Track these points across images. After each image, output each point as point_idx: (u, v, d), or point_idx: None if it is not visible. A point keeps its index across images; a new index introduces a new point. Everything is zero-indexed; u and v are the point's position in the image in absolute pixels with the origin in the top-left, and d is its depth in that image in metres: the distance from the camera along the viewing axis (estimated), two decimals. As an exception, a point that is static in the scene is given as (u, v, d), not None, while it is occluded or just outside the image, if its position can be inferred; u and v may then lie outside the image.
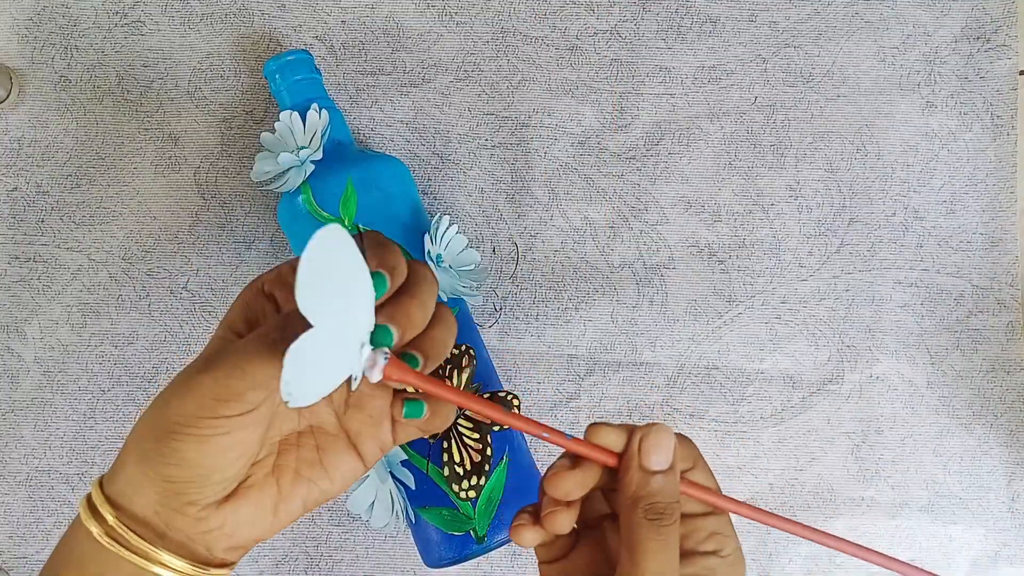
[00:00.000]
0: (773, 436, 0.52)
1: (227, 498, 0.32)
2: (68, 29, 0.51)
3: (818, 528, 0.32)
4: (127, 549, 0.31)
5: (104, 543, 0.31)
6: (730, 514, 0.33)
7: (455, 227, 0.47)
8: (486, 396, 0.45)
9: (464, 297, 0.46)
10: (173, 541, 0.32)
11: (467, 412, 0.44)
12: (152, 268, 0.51)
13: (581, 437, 0.32)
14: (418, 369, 0.30)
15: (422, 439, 0.43)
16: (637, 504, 0.31)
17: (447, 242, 0.46)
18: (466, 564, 0.51)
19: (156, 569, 0.31)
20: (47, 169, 0.51)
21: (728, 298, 0.52)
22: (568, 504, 0.32)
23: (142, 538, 0.31)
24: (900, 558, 0.52)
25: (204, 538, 0.32)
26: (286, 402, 0.27)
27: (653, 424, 0.32)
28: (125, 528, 0.31)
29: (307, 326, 0.26)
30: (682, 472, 0.32)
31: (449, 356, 0.44)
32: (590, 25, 0.52)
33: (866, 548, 0.32)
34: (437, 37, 0.51)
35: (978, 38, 0.52)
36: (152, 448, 0.30)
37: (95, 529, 0.31)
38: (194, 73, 0.51)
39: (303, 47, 0.51)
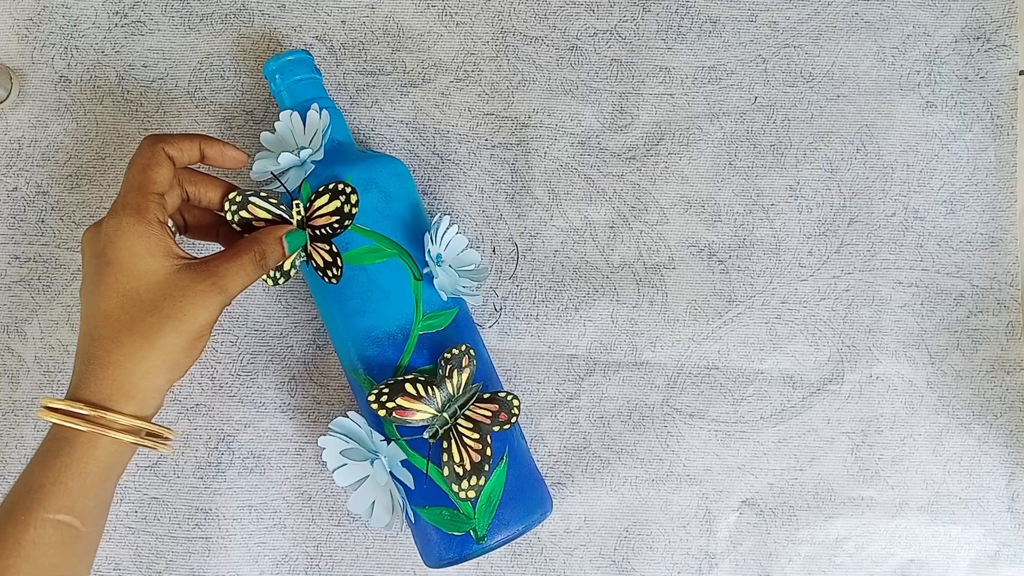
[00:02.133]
0: (773, 436, 0.52)
1: None
2: (68, 29, 0.51)
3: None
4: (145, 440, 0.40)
5: (143, 444, 0.40)
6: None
7: (455, 227, 0.47)
8: (486, 396, 0.45)
9: (464, 297, 0.46)
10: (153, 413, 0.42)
11: (467, 411, 0.44)
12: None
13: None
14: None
15: (422, 440, 0.43)
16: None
17: (447, 242, 0.46)
18: (466, 564, 0.51)
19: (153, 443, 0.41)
20: (47, 169, 0.51)
21: (728, 298, 0.52)
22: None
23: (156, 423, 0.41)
24: (899, 557, 0.53)
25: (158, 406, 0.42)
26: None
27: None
28: (151, 428, 0.41)
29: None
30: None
31: (449, 356, 0.44)
32: (590, 25, 0.52)
33: None
34: (437, 37, 0.51)
35: (978, 38, 0.52)
36: (182, 356, 0.40)
37: (132, 439, 0.39)
38: (194, 73, 0.51)
39: (303, 47, 0.51)
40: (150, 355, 0.39)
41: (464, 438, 0.43)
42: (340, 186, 0.43)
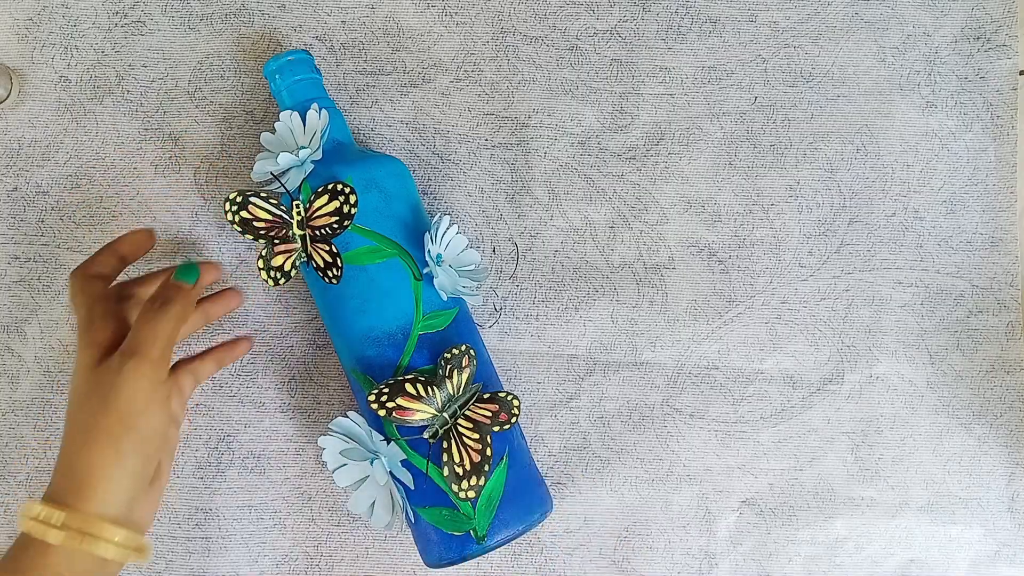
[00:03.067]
0: (773, 436, 0.52)
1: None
2: (68, 29, 0.51)
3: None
4: (129, 554, 0.39)
5: (112, 557, 0.38)
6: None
7: (455, 227, 0.47)
8: (486, 396, 0.45)
9: (464, 297, 0.46)
10: (137, 527, 0.40)
11: (467, 411, 0.44)
12: (152, 268, 0.51)
13: None
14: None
15: (422, 440, 0.43)
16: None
17: (447, 242, 0.46)
18: (466, 564, 0.51)
19: (134, 556, 0.39)
20: (47, 169, 0.51)
21: (728, 298, 0.52)
22: None
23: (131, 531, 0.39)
24: (899, 557, 0.53)
25: (148, 517, 0.41)
26: None
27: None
28: (130, 540, 0.38)
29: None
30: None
31: (449, 356, 0.44)
32: (590, 25, 0.52)
33: None
34: (437, 37, 0.51)
35: (978, 38, 0.52)
36: (126, 441, 0.38)
37: (105, 552, 0.37)
38: (194, 73, 0.51)
39: (303, 47, 0.51)
40: (89, 446, 0.38)
41: (464, 438, 0.43)
42: (339, 186, 0.43)
